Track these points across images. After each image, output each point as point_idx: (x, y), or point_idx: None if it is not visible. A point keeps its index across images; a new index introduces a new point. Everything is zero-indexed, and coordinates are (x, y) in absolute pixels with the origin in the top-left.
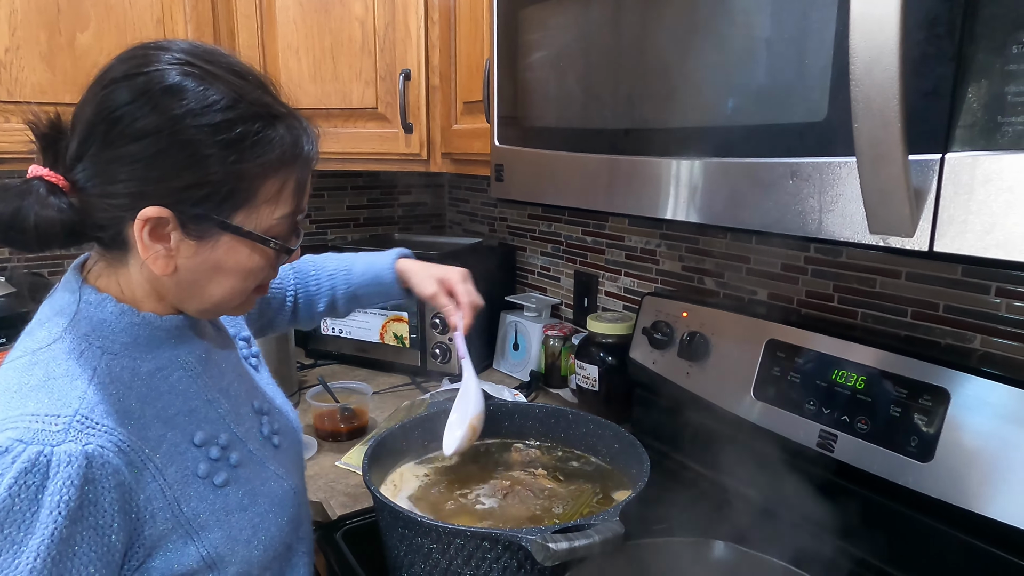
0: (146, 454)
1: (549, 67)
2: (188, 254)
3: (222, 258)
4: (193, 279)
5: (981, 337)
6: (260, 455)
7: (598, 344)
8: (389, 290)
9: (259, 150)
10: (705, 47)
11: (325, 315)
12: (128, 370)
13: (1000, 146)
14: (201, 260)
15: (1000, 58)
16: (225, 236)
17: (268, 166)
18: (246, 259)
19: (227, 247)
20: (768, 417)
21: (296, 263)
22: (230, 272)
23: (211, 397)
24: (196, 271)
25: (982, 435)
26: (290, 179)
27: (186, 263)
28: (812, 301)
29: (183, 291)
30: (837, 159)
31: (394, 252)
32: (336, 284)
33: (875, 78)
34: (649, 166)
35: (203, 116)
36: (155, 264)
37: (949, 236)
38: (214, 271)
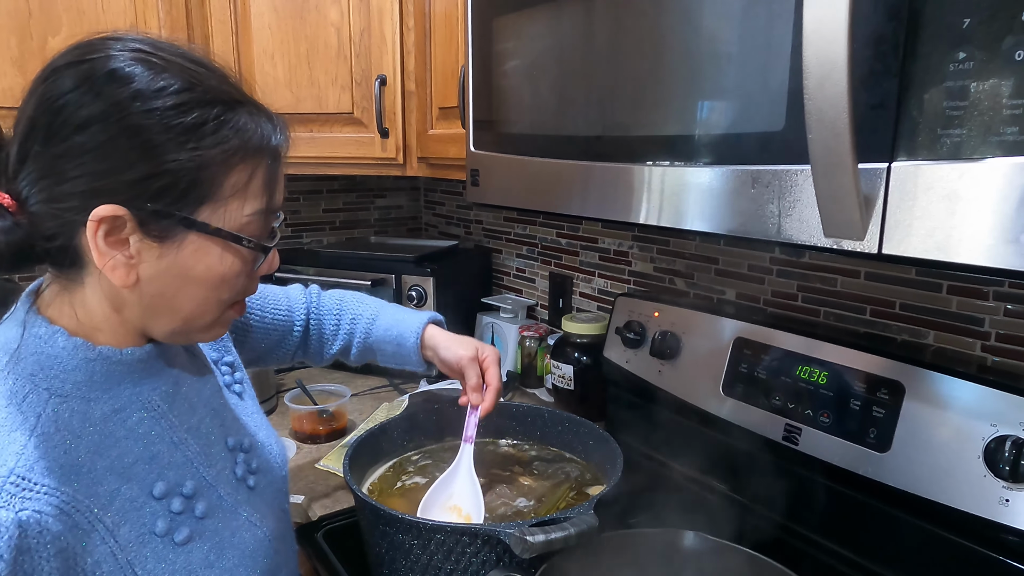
0: (95, 514)
1: (523, 75)
2: (151, 259)
3: (190, 262)
4: (159, 290)
5: (934, 333)
6: (232, 500)
7: (573, 344)
8: (407, 355)
9: (220, 136)
10: (672, 59)
11: (338, 357)
12: (79, 415)
13: (940, 156)
14: (166, 266)
15: (939, 74)
16: (191, 235)
17: (232, 154)
18: (217, 262)
19: (195, 248)
20: (736, 412)
21: (321, 297)
22: (200, 280)
23: (177, 439)
24: (162, 280)
25: (935, 426)
26: (258, 170)
27: (150, 271)
28: (777, 300)
29: (148, 307)
30: (794, 167)
31: (425, 315)
32: (355, 331)
33: (826, 92)
34: (621, 172)
35: (154, 100)
36: (114, 274)
37: (896, 239)
38: (182, 279)
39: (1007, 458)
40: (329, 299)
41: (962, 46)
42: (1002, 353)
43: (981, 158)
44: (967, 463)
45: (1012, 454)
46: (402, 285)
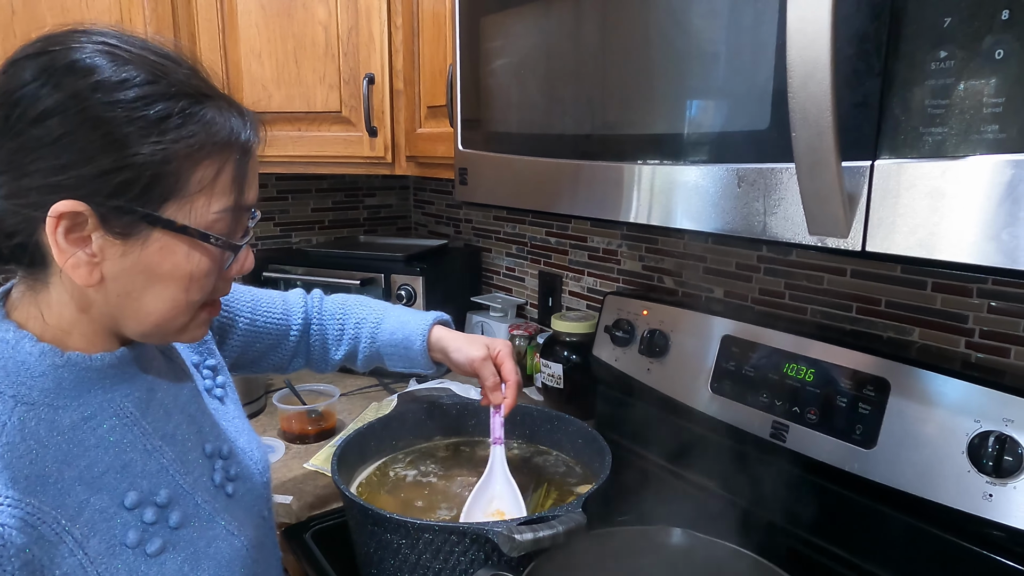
0: (62, 525)
1: (511, 74)
2: (114, 257)
3: (155, 260)
4: (124, 289)
5: (919, 330)
6: (209, 509)
7: (562, 343)
8: (415, 359)
9: (186, 131)
10: (659, 58)
11: (343, 363)
12: (46, 423)
13: (922, 154)
14: (131, 264)
15: (920, 73)
16: (156, 233)
17: (197, 149)
18: (184, 261)
19: (160, 246)
20: (724, 410)
21: (323, 301)
22: (167, 278)
23: (151, 446)
24: (126, 279)
25: (920, 422)
26: (226, 165)
27: (113, 269)
28: (765, 298)
29: (115, 308)
30: (779, 165)
31: (431, 316)
32: (361, 335)
33: (810, 91)
34: (609, 171)
35: (116, 92)
36: (76, 273)
37: (879, 237)
38: (148, 278)
39: (990, 453)
40: (332, 304)
41: (944, 45)
42: (986, 350)
43: (963, 156)
44: (951, 459)
45: (995, 449)
46: (391, 284)
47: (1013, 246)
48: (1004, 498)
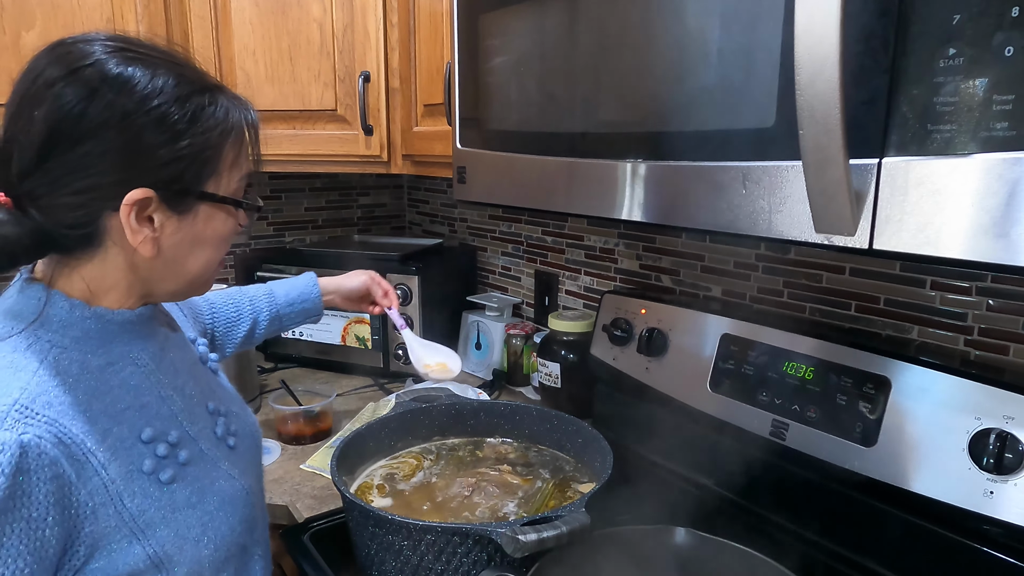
0: (88, 448)
1: (509, 71)
2: (171, 231)
3: (201, 228)
4: (175, 256)
5: (918, 328)
6: (212, 454)
7: (560, 342)
8: (312, 308)
9: (216, 120)
10: (660, 56)
11: (244, 344)
12: (77, 363)
13: (930, 151)
14: (183, 235)
15: (929, 70)
16: (202, 206)
17: (226, 133)
18: (222, 225)
19: (205, 216)
20: (724, 408)
21: (212, 297)
22: (208, 242)
23: (164, 394)
24: (178, 247)
25: (920, 420)
26: (242, 142)
27: (169, 241)
28: (764, 297)
29: (163, 272)
30: (785, 163)
31: (308, 274)
32: (259, 308)
33: (818, 88)
34: (607, 169)
35: (159, 96)
36: (143, 248)
37: (887, 235)
38: (193, 244)
39: (991, 451)
40: (216, 295)
41: (952, 42)
42: (985, 347)
43: (971, 154)
44: (952, 456)
45: (996, 447)
46: None
47: (1022, 244)
48: (1005, 495)
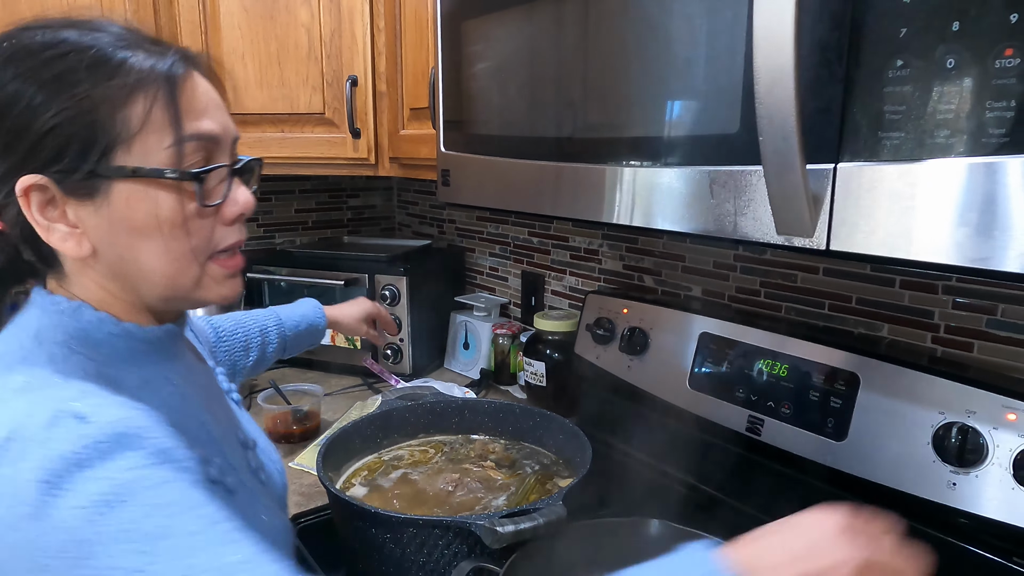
0: None
1: (492, 77)
2: (92, 221)
3: (127, 214)
4: (117, 254)
5: (888, 326)
6: (250, 486)
7: (545, 341)
8: (318, 336)
9: (96, 78)
10: (635, 65)
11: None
12: (115, 381)
13: (881, 158)
14: (107, 224)
15: (879, 81)
16: (115, 185)
17: (116, 91)
18: (153, 206)
19: (125, 198)
20: (702, 405)
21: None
22: (147, 229)
23: (203, 419)
24: (112, 241)
25: (887, 415)
26: (158, 98)
27: (97, 235)
28: (741, 296)
29: (120, 275)
30: (748, 168)
31: (309, 300)
32: (269, 339)
33: (775, 96)
34: (585, 172)
35: (21, 54)
36: (66, 247)
37: (842, 236)
38: (130, 234)
39: (953, 444)
40: (222, 323)
41: (900, 54)
42: (950, 344)
43: (918, 160)
44: (918, 450)
45: (958, 440)
46: (375, 285)
47: (965, 244)
48: (967, 487)
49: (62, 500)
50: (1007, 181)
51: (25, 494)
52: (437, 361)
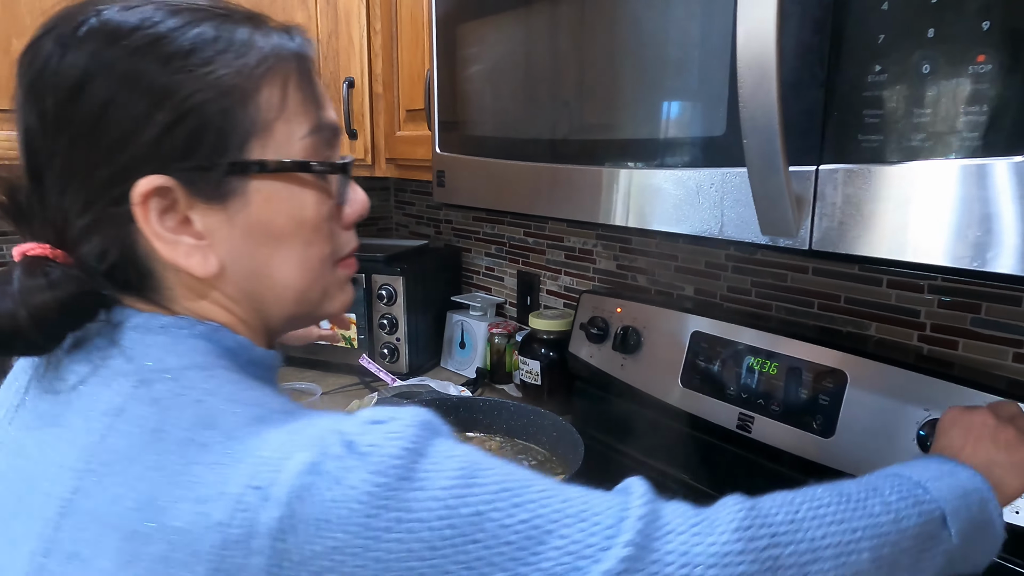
0: None
1: (486, 79)
2: (222, 231)
3: (266, 217)
4: (249, 269)
5: (876, 325)
6: None
7: (540, 340)
8: None
9: (230, 54)
10: (626, 69)
11: None
12: None
13: (861, 160)
14: (242, 233)
15: (859, 85)
16: (252, 183)
17: (252, 69)
18: (295, 206)
19: (263, 198)
20: (694, 403)
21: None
22: (285, 234)
23: None
24: (246, 254)
25: (874, 412)
26: (289, 81)
27: (227, 248)
28: (733, 296)
29: (248, 294)
30: (734, 169)
31: None
32: None
33: (759, 100)
34: (582, 174)
35: (137, 34)
36: (191, 263)
37: (824, 237)
38: (266, 242)
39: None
40: None
41: (878, 59)
42: (936, 343)
43: (896, 162)
44: (903, 446)
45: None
46: (372, 284)
47: (941, 244)
48: None
49: (420, 492)
50: (981, 183)
51: (369, 504)
52: (434, 360)
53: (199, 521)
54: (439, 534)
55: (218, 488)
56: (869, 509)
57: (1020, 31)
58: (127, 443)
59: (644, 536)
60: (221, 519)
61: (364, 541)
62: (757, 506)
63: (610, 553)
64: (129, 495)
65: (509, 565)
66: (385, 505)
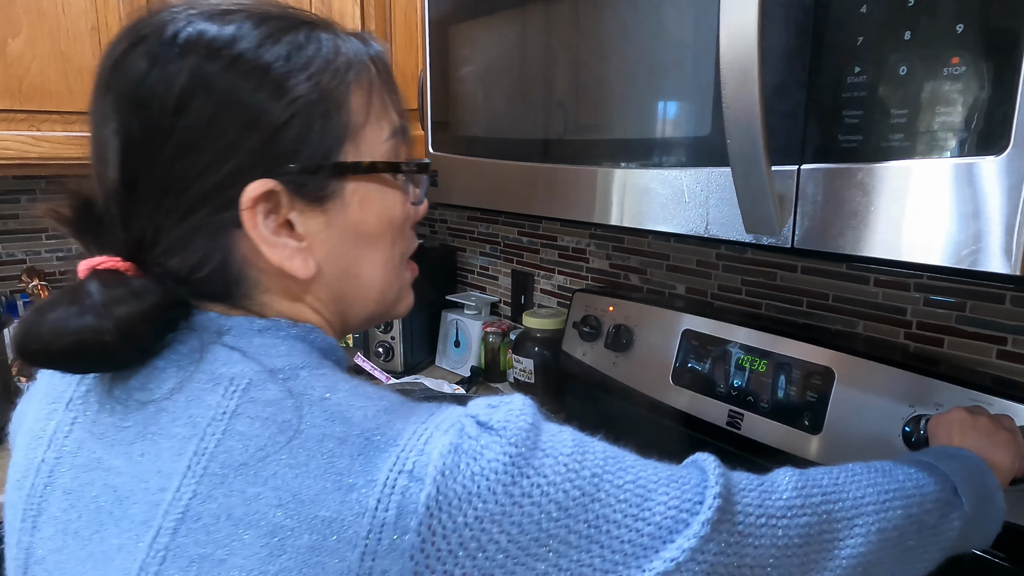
0: None
1: (478, 80)
2: (321, 234)
3: (359, 218)
4: (341, 270)
5: (863, 323)
6: None
7: (533, 339)
8: None
9: (323, 57)
10: (615, 71)
11: None
12: None
13: (842, 159)
14: (339, 234)
15: (839, 87)
16: (349, 185)
17: (344, 72)
18: (385, 206)
19: (359, 199)
20: (685, 400)
21: None
22: (374, 235)
23: None
24: (339, 255)
25: (861, 408)
26: (373, 84)
27: (324, 249)
28: (723, 294)
29: (337, 295)
30: (719, 169)
31: None
32: None
33: (741, 101)
34: (572, 174)
35: (239, 43)
36: (293, 266)
37: (806, 235)
38: (357, 243)
39: (922, 436)
40: None
41: (857, 61)
42: (922, 340)
43: (875, 162)
44: (889, 442)
45: (924, 430)
46: None
47: (917, 241)
48: None
49: (549, 459)
50: (955, 182)
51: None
52: (429, 359)
53: (349, 509)
54: (568, 495)
55: (365, 477)
56: (895, 476)
57: (992, 34)
58: (252, 444)
59: (727, 491)
60: (373, 504)
61: (505, 507)
62: (806, 473)
63: (705, 504)
64: (267, 493)
65: (627, 521)
66: (523, 472)
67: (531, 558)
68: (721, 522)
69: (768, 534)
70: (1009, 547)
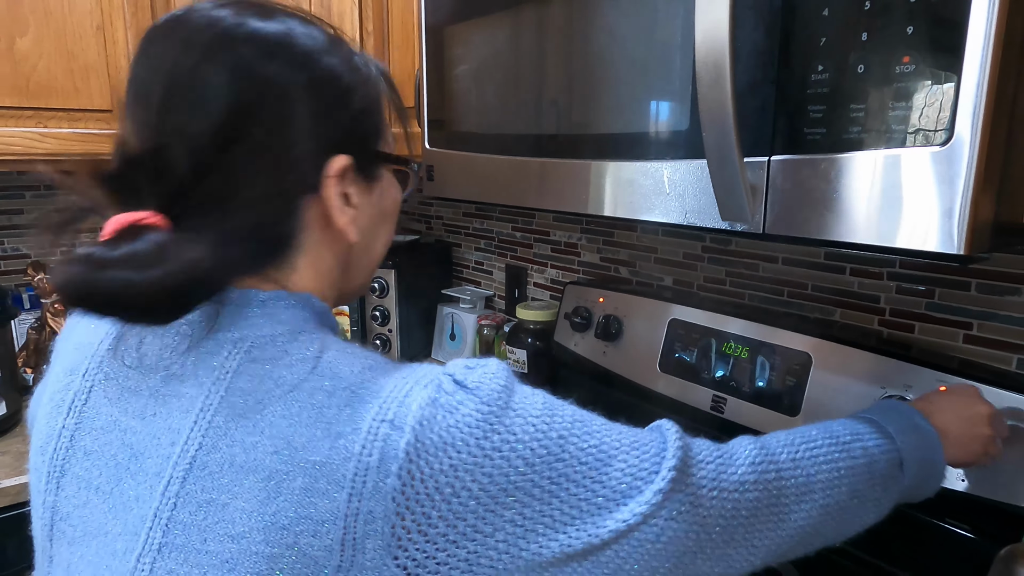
0: None
1: (473, 79)
2: (366, 209)
3: (385, 201)
4: (367, 240)
5: (840, 311)
6: None
7: (526, 330)
8: None
9: (366, 67)
10: (602, 69)
11: None
12: None
13: (807, 151)
14: (373, 209)
15: (805, 83)
16: (385, 172)
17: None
18: (396, 194)
19: (386, 184)
20: (671, 387)
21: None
22: (388, 215)
23: None
24: (370, 227)
25: (836, 391)
26: (383, 92)
27: (364, 221)
28: (708, 285)
29: (352, 264)
30: (697, 161)
31: None
32: None
33: (715, 96)
34: (562, 168)
35: (319, 46)
36: (350, 230)
37: (776, 221)
38: (380, 220)
39: None
40: None
41: (821, 60)
42: (895, 326)
43: (836, 153)
44: None
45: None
46: None
47: (874, 227)
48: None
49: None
50: (905, 171)
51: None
52: (425, 352)
53: (337, 454)
54: (535, 452)
55: (351, 425)
56: (852, 452)
57: (939, 34)
58: (251, 398)
59: (683, 462)
60: (358, 450)
61: (477, 459)
62: (766, 445)
63: (659, 475)
64: (264, 441)
65: (585, 482)
66: (494, 428)
67: (499, 506)
68: (674, 491)
69: (718, 506)
70: (978, 521)
